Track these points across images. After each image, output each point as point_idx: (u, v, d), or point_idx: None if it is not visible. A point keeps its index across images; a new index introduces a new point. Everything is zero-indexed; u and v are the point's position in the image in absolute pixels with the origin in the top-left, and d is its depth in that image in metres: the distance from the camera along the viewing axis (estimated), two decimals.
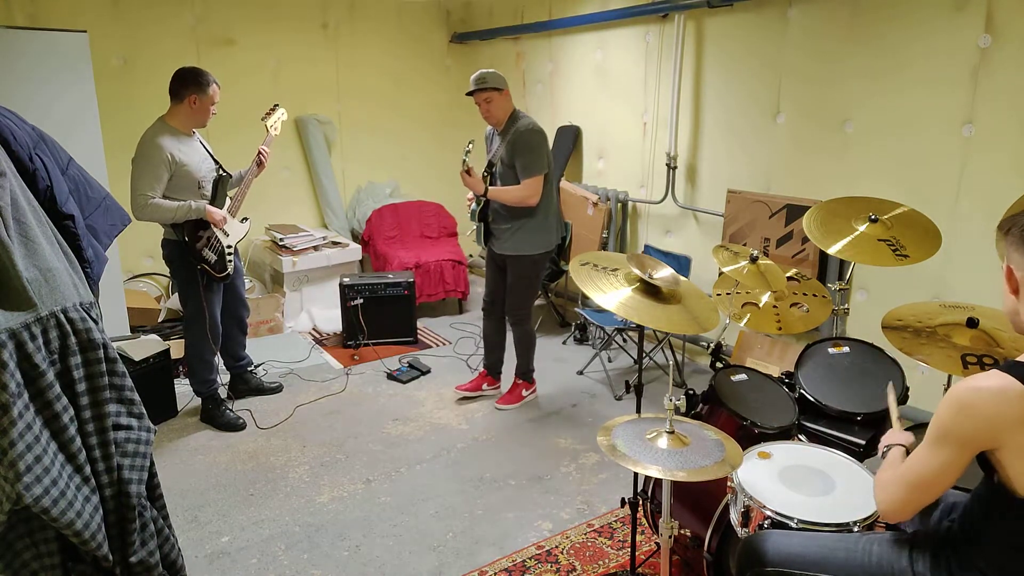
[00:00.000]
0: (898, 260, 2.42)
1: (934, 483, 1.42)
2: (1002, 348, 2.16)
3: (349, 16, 5.76)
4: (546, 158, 3.50)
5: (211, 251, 3.40)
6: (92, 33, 4.04)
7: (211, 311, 3.51)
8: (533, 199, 3.49)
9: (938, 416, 1.39)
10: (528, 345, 3.86)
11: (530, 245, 3.60)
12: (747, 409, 2.32)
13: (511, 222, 3.58)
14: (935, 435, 1.40)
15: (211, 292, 3.49)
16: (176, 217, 3.27)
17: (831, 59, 3.54)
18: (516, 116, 3.53)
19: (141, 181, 3.18)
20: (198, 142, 3.43)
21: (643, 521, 2.66)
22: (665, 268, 2.25)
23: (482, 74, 3.45)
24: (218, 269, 3.45)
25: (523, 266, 3.64)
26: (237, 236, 3.57)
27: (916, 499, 1.45)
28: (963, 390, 1.35)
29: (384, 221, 5.80)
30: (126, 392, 1.67)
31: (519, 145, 3.44)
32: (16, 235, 1.47)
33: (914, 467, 1.44)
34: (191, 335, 3.55)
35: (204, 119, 3.34)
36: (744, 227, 4.01)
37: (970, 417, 1.34)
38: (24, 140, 1.63)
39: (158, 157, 3.19)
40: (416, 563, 2.63)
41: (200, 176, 3.36)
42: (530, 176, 3.45)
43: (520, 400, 3.91)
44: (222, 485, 3.16)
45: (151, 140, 3.21)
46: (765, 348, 3.81)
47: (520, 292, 3.71)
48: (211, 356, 3.60)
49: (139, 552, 1.67)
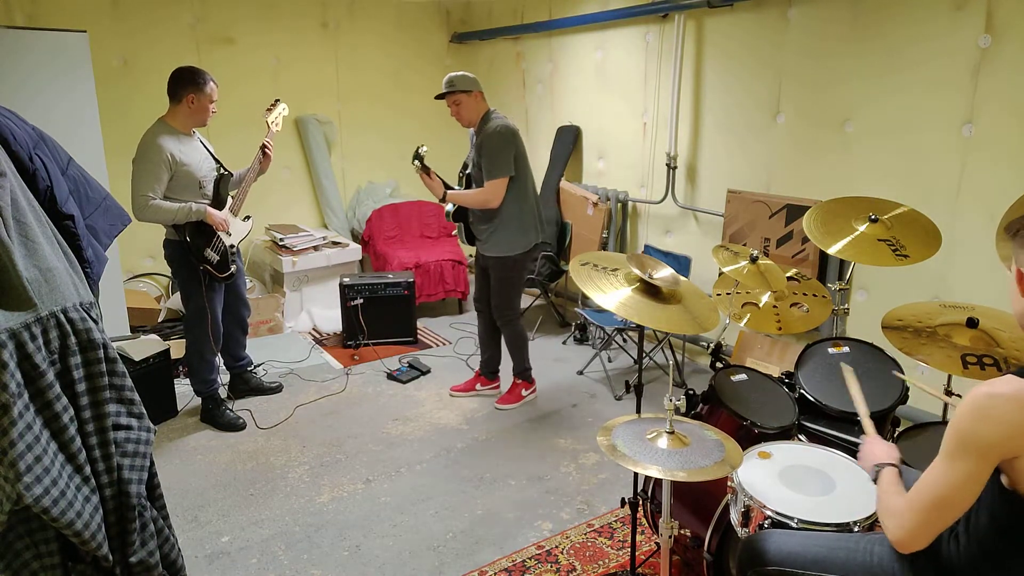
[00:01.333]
0: (898, 260, 2.42)
1: (956, 501, 1.34)
2: (1002, 348, 2.16)
3: (349, 15, 5.76)
4: (510, 160, 3.46)
5: (214, 251, 3.40)
6: (92, 33, 4.04)
7: (213, 310, 3.51)
8: (493, 202, 3.47)
9: (956, 427, 1.33)
10: (519, 344, 3.85)
11: (507, 246, 3.58)
12: (747, 409, 2.32)
13: (487, 223, 3.57)
14: (954, 447, 1.33)
15: (213, 292, 3.50)
16: (176, 219, 3.27)
17: (831, 59, 3.54)
18: (488, 117, 3.51)
19: (141, 182, 3.19)
20: (198, 142, 3.43)
21: (643, 521, 2.66)
22: (665, 268, 2.25)
23: (450, 77, 3.46)
24: (220, 269, 3.45)
25: (503, 267, 3.63)
26: (239, 235, 3.58)
27: (936, 522, 1.36)
28: (980, 397, 1.30)
29: (384, 221, 5.80)
30: (126, 392, 1.67)
31: (484, 147, 3.44)
32: (16, 235, 1.47)
33: (931, 486, 1.36)
34: (192, 335, 3.55)
35: (204, 118, 3.34)
36: (744, 227, 4.01)
37: (990, 423, 1.29)
38: (24, 140, 1.62)
39: (158, 157, 3.19)
40: (416, 563, 2.63)
41: (201, 176, 3.36)
42: (492, 179, 3.43)
43: (520, 400, 3.91)
44: (222, 485, 3.16)
45: (151, 141, 3.21)
46: (765, 348, 3.81)
47: (503, 293, 3.70)
48: (212, 356, 3.60)
49: (139, 552, 1.67)
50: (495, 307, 3.75)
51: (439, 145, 6.42)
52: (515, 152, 3.48)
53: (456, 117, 3.55)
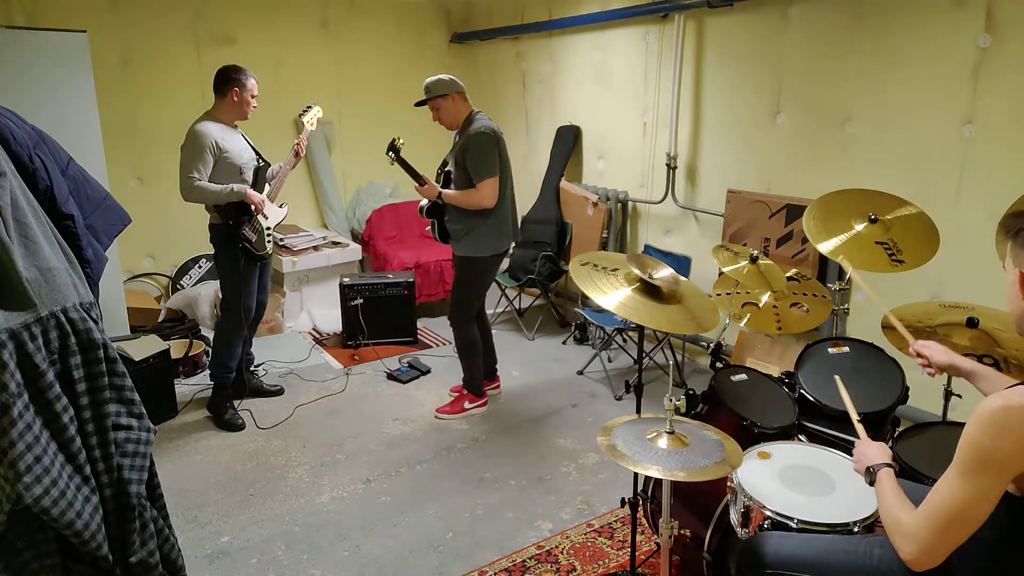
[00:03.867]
0: (893, 266, 2.39)
1: (972, 517, 1.30)
2: (1002, 348, 2.16)
3: (349, 15, 5.76)
4: (496, 162, 3.43)
5: (252, 231, 3.59)
6: (92, 33, 4.04)
7: (247, 291, 3.68)
8: (488, 201, 3.43)
9: (973, 443, 1.29)
10: (470, 352, 3.73)
11: (477, 247, 3.53)
12: (747, 409, 2.32)
13: (462, 223, 3.52)
14: (971, 462, 1.29)
15: (250, 274, 3.68)
16: (219, 198, 3.46)
17: (831, 59, 3.54)
18: (471, 119, 3.48)
19: (188, 165, 3.39)
20: (240, 134, 3.64)
21: (643, 521, 2.66)
22: (665, 268, 2.25)
23: (427, 84, 3.47)
24: (258, 247, 3.63)
25: (468, 267, 3.58)
26: (276, 219, 3.74)
27: (952, 539, 1.32)
28: (996, 411, 1.26)
29: (384, 221, 5.80)
30: (126, 392, 1.67)
31: (469, 149, 3.40)
32: (16, 235, 1.47)
33: (947, 503, 1.31)
34: (225, 317, 3.71)
35: (245, 111, 3.55)
36: (744, 227, 4.01)
37: (1010, 438, 1.25)
38: (24, 140, 1.62)
39: (204, 143, 3.39)
40: (416, 563, 2.63)
41: (241, 163, 3.56)
42: (481, 179, 3.40)
43: (462, 411, 3.78)
44: (222, 485, 3.16)
45: (198, 128, 3.41)
46: (765, 348, 3.81)
47: (460, 293, 3.64)
48: (238, 343, 3.73)
49: (139, 552, 1.67)
50: (450, 306, 3.69)
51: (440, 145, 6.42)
52: (497, 155, 3.44)
53: (438, 122, 3.53)
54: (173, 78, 5.01)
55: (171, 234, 5.13)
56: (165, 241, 5.17)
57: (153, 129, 4.95)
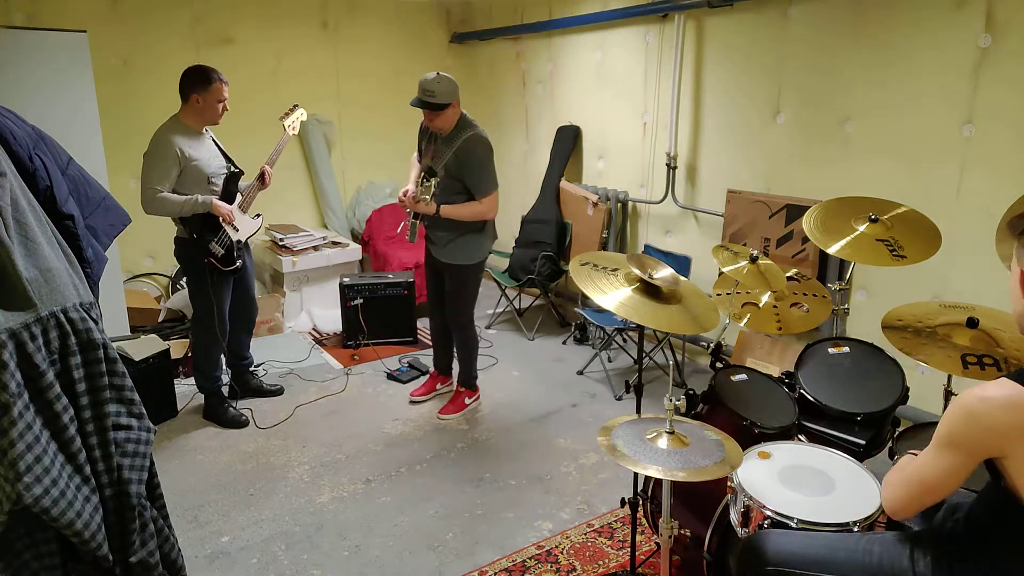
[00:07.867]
0: (895, 260, 2.42)
1: (938, 486, 1.43)
2: (1002, 348, 2.16)
3: (349, 15, 5.76)
4: (495, 173, 3.43)
5: (219, 245, 3.43)
6: (92, 33, 4.03)
7: (220, 307, 3.53)
8: (493, 213, 3.45)
9: (946, 422, 1.40)
10: (470, 350, 3.78)
11: (465, 255, 3.53)
12: (747, 409, 2.32)
13: (449, 231, 3.49)
14: (942, 440, 1.41)
15: (220, 288, 3.52)
16: (183, 211, 3.30)
17: (831, 59, 3.54)
18: (464, 123, 3.39)
19: (151, 175, 3.23)
20: (210, 140, 3.47)
21: (643, 521, 2.66)
22: (665, 268, 2.25)
23: (431, 88, 3.23)
24: (225, 263, 3.46)
25: (460, 275, 3.58)
26: (248, 231, 3.58)
27: (920, 499, 1.47)
28: (972, 399, 1.35)
29: (384, 221, 5.80)
30: (126, 392, 1.67)
31: (471, 161, 3.33)
32: (16, 235, 1.47)
33: (920, 469, 1.45)
34: (199, 332, 3.59)
35: (213, 116, 3.36)
36: (744, 227, 4.01)
37: (978, 427, 1.34)
38: (24, 140, 1.62)
39: (168, 152, 3.24)
40: (416, 563, 2.63)
41: (210, 172, 3.39)
42: (486, 194, 3.39)
43: (463, 408, 3.82)
44: (222, 485, 3.16)
45: (162, 135, 3.27)
46: (765, 348, 3.81)
47: (459, 300, 3.65)
48: (218, 352, 3.63)
49: (139, 552, 1.67)
50: (449, 314, 3.70)
51: None
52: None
53: (429, 123, 3.41)
54: (173, 78, 4.96)
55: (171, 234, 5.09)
56: (165, 241, 5.12)
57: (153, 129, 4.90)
